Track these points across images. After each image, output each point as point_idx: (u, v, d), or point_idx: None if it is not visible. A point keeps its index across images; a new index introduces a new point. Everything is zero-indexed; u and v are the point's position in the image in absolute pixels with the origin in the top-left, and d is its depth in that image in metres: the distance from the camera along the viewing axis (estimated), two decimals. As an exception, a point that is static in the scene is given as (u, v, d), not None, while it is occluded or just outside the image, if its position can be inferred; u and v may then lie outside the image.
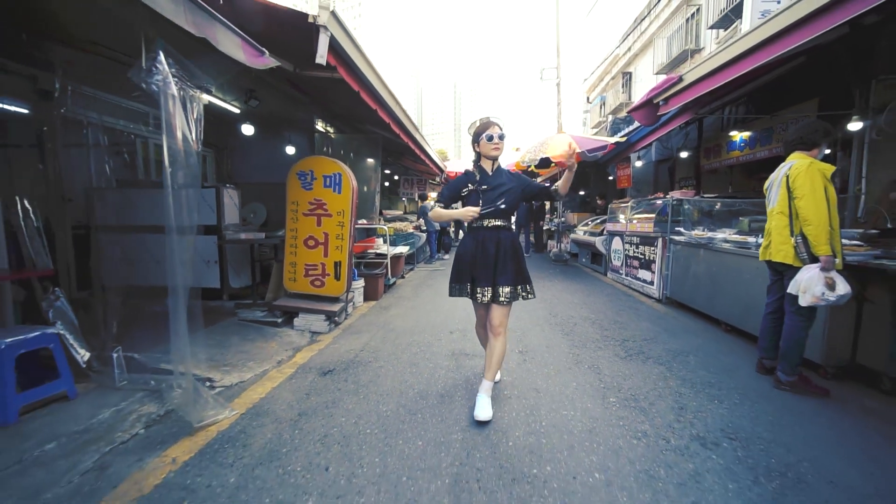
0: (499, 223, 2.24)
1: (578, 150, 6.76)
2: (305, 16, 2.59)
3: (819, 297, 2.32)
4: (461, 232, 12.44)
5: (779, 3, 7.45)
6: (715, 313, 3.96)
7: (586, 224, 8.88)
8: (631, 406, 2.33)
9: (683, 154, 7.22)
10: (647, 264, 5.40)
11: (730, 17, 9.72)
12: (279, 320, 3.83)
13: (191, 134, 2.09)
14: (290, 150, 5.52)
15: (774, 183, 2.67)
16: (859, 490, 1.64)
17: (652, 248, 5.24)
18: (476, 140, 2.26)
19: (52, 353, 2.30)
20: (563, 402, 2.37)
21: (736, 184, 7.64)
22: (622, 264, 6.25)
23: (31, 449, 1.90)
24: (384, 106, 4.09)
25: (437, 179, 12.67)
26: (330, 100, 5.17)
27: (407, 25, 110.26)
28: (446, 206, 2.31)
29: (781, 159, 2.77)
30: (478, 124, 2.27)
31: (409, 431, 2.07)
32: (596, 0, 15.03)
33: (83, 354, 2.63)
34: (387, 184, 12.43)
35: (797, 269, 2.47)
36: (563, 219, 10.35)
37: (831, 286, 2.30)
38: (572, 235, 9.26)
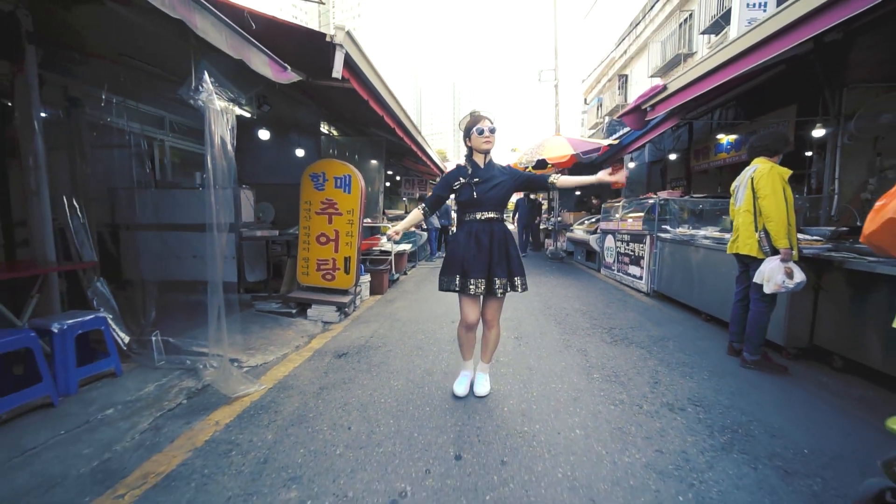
0: (491, 215, 2.23)
1: (574, 153, 7.10)
2: (323, 35, 2.90)
3: (780, 284, 2.64)
4: None
5: (764, 11, 7.79)
6: (696, 304, 4.29)
7: (581, 223, 9.21)
8: (612, 381, 2.66)
9: (672, 156, 7.54)
10: (636, 260, 5.73)
11: (720, 24, 10.06)
12: (293, 311, 4.15)
13: (228, 143, 2.40)
14: (300, 152, 5.82)
15: (741, 185, 3.00)
16: (795, 441, 1.96)
17: (641, 245, 5.57)
18: (467, 134, 2.27)
19: (102, 335, 2.61)
20: (553, 378, 2.69)
21: (725, 184, 7.95)
22: (614, 261, 6.58)
23: (95, 413, 2.21)
24: (390, 112, 4.41)
25: (437, 180, 12.96)
26: (336, 105, 5.48)
27: (406, 25, 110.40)
28: (436, 202, 2.37)
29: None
30: (468, 119, 2.28)
31: (417, 400, 2.38)
32: (594, 2, 15.37)
33: (124, 338, 2.94)
34: (388, 184, 12.74)
35: (761, 261, 2.79)
36: (559, 218, 10.68)
37: (790, 275, 2.63)
38: (568, 234, 9.58)
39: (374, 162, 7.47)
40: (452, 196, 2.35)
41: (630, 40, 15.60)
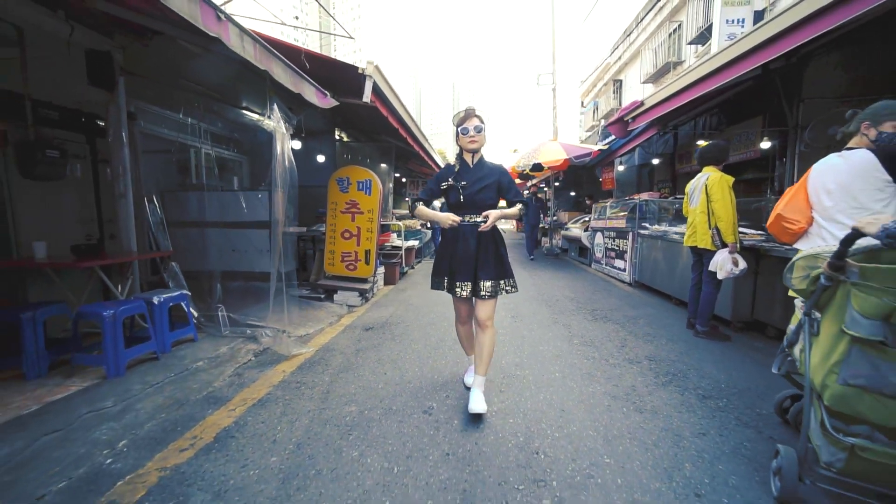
0: (479, 219, 2.16)
1: (567, 157, 7.78)
2: (356, 67, 3.59)
3: (728, 271, 3.32)
4: None
5: (742, 27, 8.48)
6: (668, 290, 4.97)
7: (576, 222, 9.89)
8: (588, 345, 3.34)
9: (655, 161, 8.22)
10: (620, 254, 6.42)
11: (705, 35, 10.74)
12: (322, 296, 4.83)
13: (287, 158, 3.07)
14: (321, 158, 6.48)
15: (696, 189, 3.68)
16: (717, 380, 2.64)
17: (624, 241, 6.25)
18: (456, 133, 2.22)
19: (183, 308, 3.29)
20: (541, 343, 3.38)
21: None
22: (602, 256, 7.27)
23: (189, 364, 2.89)
24: (404, 126, 5.09)
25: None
26: (351, 115, 6.16)
27: (406, 25, 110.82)
28: (428, 202, 2.27)
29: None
30: (461, 115, 2.21)
31: (435, 356, 3.07)
32: (593, 6, 16.03)
33: (193, 312, 3.62)
34: (391, 185, 13.42)
35: (713, 252, 3.47)
36: (555, 217, 11.36)
37: (736, 263, 3.31)
38: (563, 232, 10.27)
39: (383, 165, 8.15)
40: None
41: (624, 47, 16.29)
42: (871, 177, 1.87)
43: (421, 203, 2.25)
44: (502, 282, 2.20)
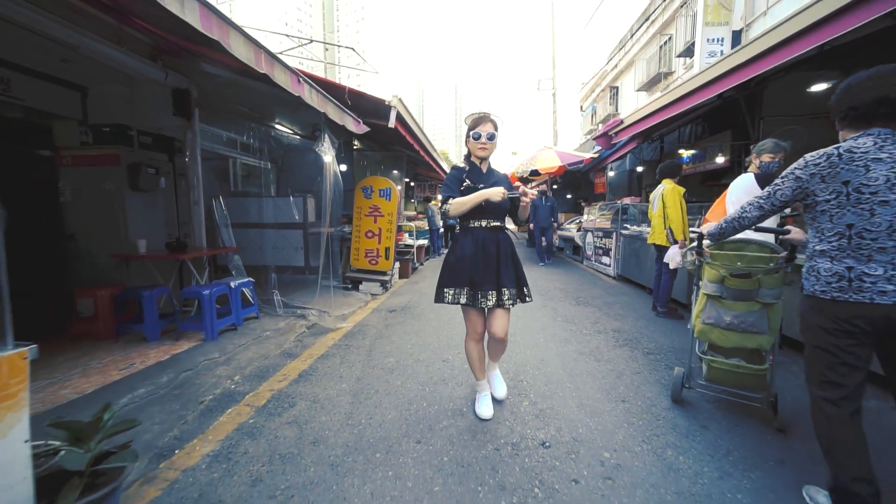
0: (497, 223, 2.14)
1: (561, 164, 8.64)
2: (383, 100, 4.46)
3: (679, 263, 4.19)
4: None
5: (721, 45, 9.31)
6: (642, 281, 5.84)
7: (571, 223, 10.75)
8: (568, 321, 4.21)
9: (640, 168, 9.07)
10: (606, 252, 7.28)
11: (692, 49, 11.56)
12: (349, 286, 5.72)
13: (335, 175, 3.95)
14: (342, 167, 7.35)
15: (655, 198, 4.54)
16: (661, 343, 3.51)
17: (610, 240, 7.11)
18: (467, 134, 2.15)
19: (249, 292, 4.18)
20: (531, 320, 4.25)
21: (691, 190, 9.52)
22: (592, 253, 8.13)
23: (259, 334, 3.78)
24: (418, 141, 5.97)
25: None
26: (371, 129, 7.04)
27: (409, 26, 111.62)
28: (457, 194, 2.11)
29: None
30: (475, 117, 2.13)
31: (448, 328, 3.95)
32: (593, 13, 16.86)
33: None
34: (400, 188, 14.33)
35: (667, 248, 4.33)
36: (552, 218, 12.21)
37: (685, 256, 4.18)
38: (560, 232, 11.12)
39: (395, 172, 9.03)
40: None
41: (619, 56, 17.11)
42: (751, 193, 2.74)
43: (451, 200, 2.07)
44: (525, 289, 2.18)
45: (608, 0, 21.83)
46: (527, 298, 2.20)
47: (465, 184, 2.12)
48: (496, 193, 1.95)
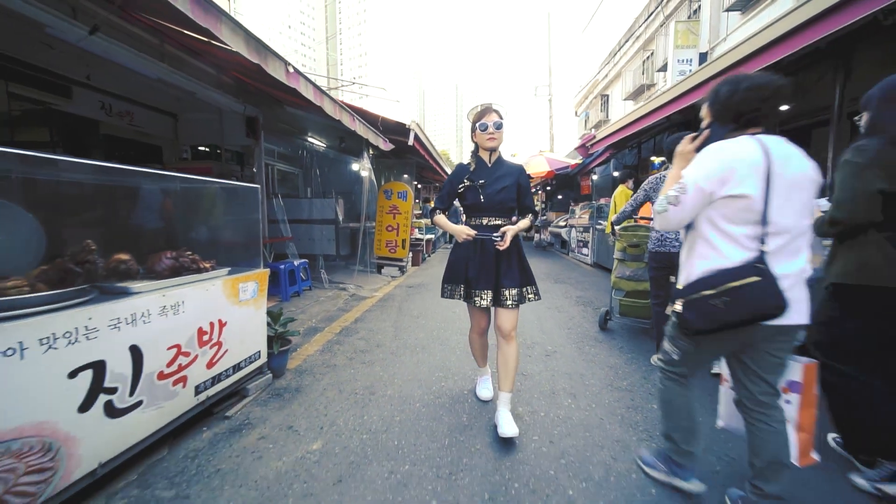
0: (499, 222, 2.07)
1: (550, 168, 10.00)
2: (404, 124, 5.82)
3: None
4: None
5: (690, 65, 10.65)
6: (610, 266, 7.19)
7: (559, 220, 12.11)
8: (545, 293, 5.56)
9: (615, 173, 10.40)
10: (585, 244, 8.65)
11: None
12: (373, 270, 7.09)
13: (371, 184, 5.31)
14: (364, 173, 8.72)
15: (612, 198, 5.90)
16: (606, 302, 4.87)
17: (588, 234, 8.48)
18: (473, 129, 2.11)
19: (306, 271, 5.54)
20: (517, 292, 5.61)
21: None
22: (575, 246, 9.49)
23: (317, 298, 5.14)
24: (428, 151, 7.34)
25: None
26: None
27: (410, 26, 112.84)
28: (446, 207, 2.18)
29: None
30: (478, 109, 2.12)
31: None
32: (590, 18, 18.18)
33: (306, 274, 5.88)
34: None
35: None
36: (545, 216, 13.58)
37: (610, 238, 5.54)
38: (550, 228, 12.48)
39: (405, 176, 10.40)
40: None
41: (609, 67, 18.47)
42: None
43: (438, 212, 2.15)
44: (525, 289, 2.12)
45: (603, 9, 23.19)
46: (529, 298, 2.12)
47: (464, 183, 2.10)
48: (460, 234, 2.03)
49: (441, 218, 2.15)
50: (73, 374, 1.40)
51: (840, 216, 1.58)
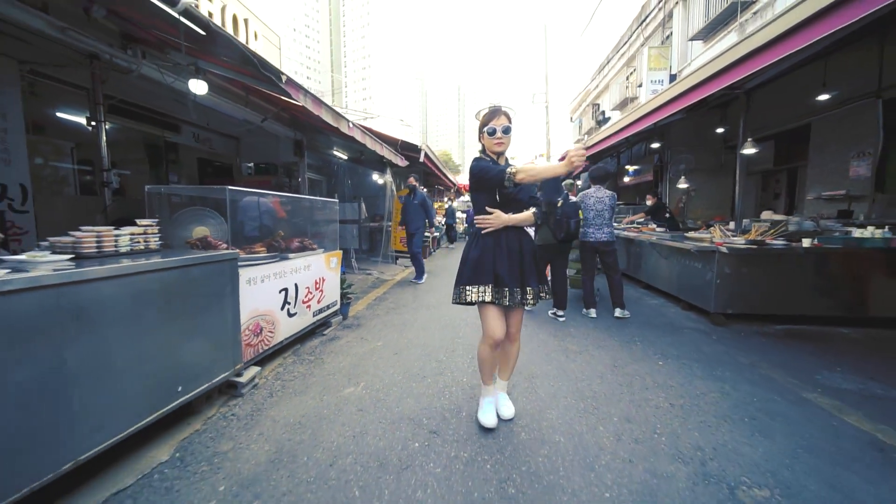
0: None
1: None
2: (417, 145, 7.41)
3: None
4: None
5: (662, 84, 12.18)
6: (584, 258, 8.78)
7: (549, 220, 13.70)
8: (527, 276, 7.16)
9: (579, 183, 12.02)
10: (567, 240, 10.23)
11: (648, 82, 14.42)
12: (390, 261, 8.71)
13: (391, 191, 6.91)
14: (381, 180, 10.34)
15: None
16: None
17: (569, 232, 10.06)
18: (480, 131, 2.09)
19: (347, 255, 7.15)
20: (505, 276, 7.21)
21: (629, 197, 12.50)
22: (560, 242, 11.08)
23: (352, 279, 6.75)
24: (434, 164, 8.94)
25: (451, 192, 17.50)
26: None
27: (413, 30, 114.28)
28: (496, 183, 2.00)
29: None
30: (485, 112, 2.09)
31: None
32: (588, 22, 19.70)
33: (338, 263, 7.51)
34: (413, 192, 17.36)
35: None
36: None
37: None
38: (541, 228, 14.06)
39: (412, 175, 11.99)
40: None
41: (599, 78, 20.01)
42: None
43: (512, 167, 1.97)
44: (543, 287, 2.11)
45: (596, 20, 24.67)
46: (545, 297, 2.11)
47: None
48: (526, 220, 2.03)
49: (527, 166, 2.02)
50: (279, 291, 3.02)
51: None
